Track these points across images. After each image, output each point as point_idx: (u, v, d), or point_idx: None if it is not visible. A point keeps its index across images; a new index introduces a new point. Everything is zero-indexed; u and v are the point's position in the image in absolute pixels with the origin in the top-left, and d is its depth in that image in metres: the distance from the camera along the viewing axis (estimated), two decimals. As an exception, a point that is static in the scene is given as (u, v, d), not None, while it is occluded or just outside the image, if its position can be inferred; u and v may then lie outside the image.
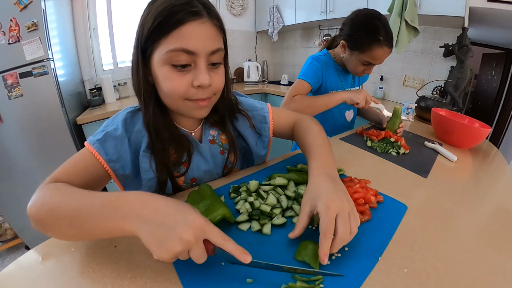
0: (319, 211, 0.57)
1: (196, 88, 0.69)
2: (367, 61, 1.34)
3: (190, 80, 0.68)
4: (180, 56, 0.65)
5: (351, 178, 0.89)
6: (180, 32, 0.63)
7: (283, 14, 3.75)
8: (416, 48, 2.71)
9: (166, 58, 0.65)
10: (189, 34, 0.63)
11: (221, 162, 0.94)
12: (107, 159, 0.72)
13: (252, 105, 1.00)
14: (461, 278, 0.53)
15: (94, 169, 0.72)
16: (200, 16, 0.64)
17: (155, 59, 0.68)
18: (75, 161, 0.72)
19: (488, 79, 3.66)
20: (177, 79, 0.67)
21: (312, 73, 1.47)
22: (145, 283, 0.51)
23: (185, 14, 0.62)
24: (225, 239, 0.49)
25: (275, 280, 0.52)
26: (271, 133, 0.98)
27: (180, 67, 0.66)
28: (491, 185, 1.05)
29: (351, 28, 1.35)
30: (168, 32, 0.63)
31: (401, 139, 1.28)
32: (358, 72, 1.43)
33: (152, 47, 0.67)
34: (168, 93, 0.70)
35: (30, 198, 0.59)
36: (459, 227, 0.72)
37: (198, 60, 0.67)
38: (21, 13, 1.98)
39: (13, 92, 2.05)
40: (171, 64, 0.66)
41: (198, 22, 0.64)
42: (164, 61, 0.66)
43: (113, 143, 0.74)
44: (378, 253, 0.59)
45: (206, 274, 0.53)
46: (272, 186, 0.80)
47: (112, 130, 0.75)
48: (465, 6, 2.04)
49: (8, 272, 0.55)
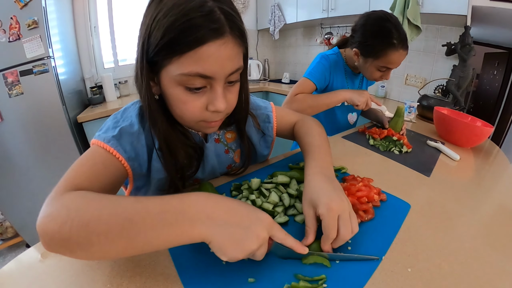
0: (321, 213, 0.56)
1: (210, 112, 0.64)
2: (383, 66, 1.29)
3: (205, 103, 0.63)
4: (195, 80, 0.58)
5: (354, 176, 0.88)
6: (196, 54, 0.54)
7: (285, 12, 3.74)
8: (418, 46, 2.70)
9: (180, 80, 0.58)
10: (206, 57, 0.55)
11: (226, 161, 0.92)
12: (127, 157, 0.66)
13: (256, 103, 0.97)
14: (465, 278, 0.53)
15: (114, 169, 0.65)
16: (221, 36, 0.55)
17: (165, 76, 0.60)
18: (90, 162, 0.62)
19: (490, 79, 3.66)
20: (192, 103, 0.62)
21: (319, 72, 1.42)
22: (145, 282, 0.50)
23: (204, 33, 0.53)
24: (286, 235, 0.51)
25: (277, 280, 0.51)
26: (274, 132, 0.98)
27: (194, 90, 0.60)
28: (493, 184, 1.04)
29: (363, 35, 1.29)
30: (182, 52, 0.54)
31: (403, 138, 1.27)
32: (375, 78, 1.37)
33: (162, 63, 0.59)
34: (182, 115, 0.66)
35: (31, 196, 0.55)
36: (462, 226, 0.71)
37: (214, 83, 0.60)
38: (22, 11, 1.98)
39: (14, 90, 2.04)
40: (185, 87, 0.59)
41: (219, 43, 0.55)
42: (177, 83, 0.59)
43: (129, 139, 0.68)
44: (382, 252, 0.59)
45: (207, 273, 0.52)
46: (274, 184, 0.80)
47: (128, 126, 0.68)
48: (468, 5, 2.03)
49: (8, 269, 0.54)
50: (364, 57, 1.32)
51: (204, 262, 0.54)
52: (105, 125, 0.70)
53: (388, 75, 1.34)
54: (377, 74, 1.34)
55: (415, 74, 2.80)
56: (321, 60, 1.45)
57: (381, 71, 1.32)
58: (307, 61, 4.16)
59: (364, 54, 1.31)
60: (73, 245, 0.44)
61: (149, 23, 0.56)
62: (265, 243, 0.48)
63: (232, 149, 0.93)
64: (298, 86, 1.41)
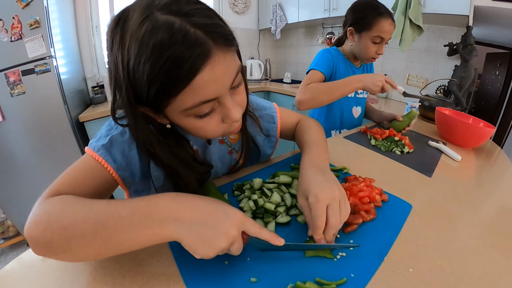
0: (310, 202, 0.58)
1: (228, 124, 0.62)
2: (377, 36, 1.37)
3: (219, 119, 0.60)
4: (202, 108, 0.54)
5: (356, 177, 0.88)
6: (192, 86, 0.49)
7: (286, 12, 3.74)
8: (420, 46, 2.70)
9: (187, 113, 0.55)
10: (203, 85, 0.50)
11: (229, 162, 0.93)
12: (116, 167, 0.66)
13: (260, 104, 0.97)
14: (466, 278, 0.53)
15: (101, 178, 0.65)
16: (209, 57, 0.49)
17: (171, 112, 0.56)
18: (78, 170, 0.63)
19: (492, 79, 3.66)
20: (209, 125, 0.59)
21: (324, 63, 1.47)
22: (147, 281, 0.50)
23: (191, 64, 0.47)
24: (260, 228, 0.52)
25: (280, 280, 0.51)
26: (278, 133, 0.99)
27: (201, 116, 0.57)
28: (495, 185, 1.04)
29: (354, 12, 1.43)
30: (176, 93, 0.50)
31: (405, 138, 1.27)
32: (371, 53, 1.44)
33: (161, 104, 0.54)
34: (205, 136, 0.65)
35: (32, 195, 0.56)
36: (464, 226, 0.71)
37: (222, 99, 0.56)
38: (24, 11, 1.98)
39: (16, 89, 2.05)
40: (194, 115, 0.56)
41: (210, 66, 0.49)
42: (186, 115, 0.56)
43: (120, 148, 0.66)
44: (384, 252, 0.59)
45: (209, 272, 0.52)
46: (276, 184, 0.80)
47: (118, 134, 0.67)
48: (470, 5, 2.02)
49: (10, 269, 0.54)
50: (359, 32, 1.42)
51: (206, 261, 0.54)
52: (99, 133, 0.70)
53: (382, 48, 1.43)
54: (372, 48, 1.42)
55: (416, 74, 2.79)
56: (323, 53, 1.53)
57: (375, 44, 1.40)
58: (308, 61, 4.14)
59: (358, 30, 1.42)
60: (55, 248, 0.46)
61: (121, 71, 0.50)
62: (238, 240, 0.49)
63: (236, 150, 0.93)
64: (308, 77, 1.44)
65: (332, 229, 0.56)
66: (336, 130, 1.69)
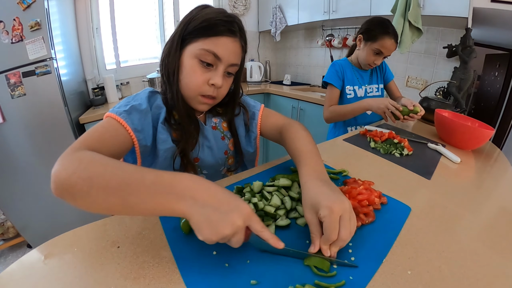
0: (323, 216, 0.56)
1: (209, 85, 0.84)
2: (377, 49, 1.65)
3: (208, 78, 0.83)
4: (209, 56, 0.80)
5: (355, 179, 0.89)
6: (217, 40, 0.79)
7: (286, 14, 3.74)
8: (419, 48, 2.71)
9: (199, 54, 0.80)
10: (222, 44, 0.80)
11: (222, 147, 1.03)
12: (133, 128, 0.79)
13: (247, 102, 1.11)
14: (464, 280, 0.53)
15: (122, 137, 0.77)
16: (234, 36, 0.82)
17: (189, 50, 0.82)
18: (103, 130, 0.75)
19: (491, 80, 3.66)
20: (199, 75, 0.82)
21: (334, 75, 1.80)
22: (149, 284, 0.51)
23: (225, 30, 0.79)
24: (263, 227, 0.53)
25: (280, 282, 0.52)
26: (258, 129, 1.06)
27: (205, 64, 0.81)
28: (494, 187, 1.04)
29: (368, 24, 1.70)
30: (208, 36, 0.79)
31: (404, 140, 1.28)
32: (369, 60, 1.73)
33: (190, 40, 0.81)
34: (188, 83, 0.85)
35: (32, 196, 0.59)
36: (463, 229, 0.72)
37: (219, 65, 0.83)
38: (24, 13, 1.98)
39: (16, 91, 2.05)
40: (199, 60, 0.81)
41: (232, 39, 0.81)
42: (196, 55, 0.81)
43: (138, 115, 0.81)
44: (382, 255, 0.59)
45: (210, 275, 0.53)
46: (276, 187, 0.80)
47: (137, 104, 0.83)
48: (469, 7, 2.03)
49: (10, 271, 0.54)
50: (365, 41, 1.70)
51: (207, 264, 0.55)
52: (118, 104, 0.83)
53: (379, 60, 1.72)
54: (371, 57, 1.71)
55: (416, 76, 2.80)
56: (331, 67, 1.85)
57: (375, 54, 1.69)
58: (308, 63, 4.18)
59: (366, 39, 1.70)
60: (76, 192, 0.52)
61: (191, 17, 0.82)
62: (241, 232, 0.51)
63: (228, 137, 1.05)
64: (329, 96, 1.84)
65: (343, 242, 0.56)
66: (352, 127, 1.93)
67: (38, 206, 2.37)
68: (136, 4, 3.12)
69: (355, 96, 1.84)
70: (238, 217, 0.49)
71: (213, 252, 0.58)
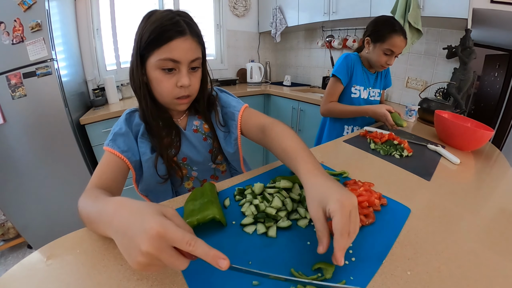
0: (333, 210, 0.52)
1: (179, 88, 0.88)
2: (388, 49, 1.61)
3: (175, 82, 0.87)
4: (168, 63, 0.84)
5: (355, 181, 0.89)
6: (169, 46, 0.81)
7: (286, 15, 3.75)
8: (419, 49, 2.72)
9: (158, 64, 0.84)
10: (175, 48, 0.82)
11: (206, 146, 1.08)
12: (120, 150, 0.88)
13: (228, 102, 1.10)
14: (464, 281, 0.54)
15: (114, 163, 0.88)
16: (184, 35, 0.83)
17: (149, 64, 0.86)
18: (104, 164, 0.87)
19: (491, 81, 3.66)
20: (166, 82, 0.87)
21: (344, 71, 1.75)
22: (152, 285, 0.51)
23: (173, 33, 0.81)
24: (191, 244, 0.42)
25: (281, 283, 0.52)
26: (238, 130, 1.04)
27: (167, 71, 0.85)
28: (493, 188, 1.05)
29: (374, 25, 1.67)
30: (160, 45, 0.81)
31: (404, 142, 1.28)
32: (381, 62, 1.67)
33: (148, 55, 0.84)
34: (161, 92, 0.90)
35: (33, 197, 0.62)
36: (462, 230, 0.72)
37: (181, 66, 0.86)
38: (25, 14, 1.99)
39: (17, 92, 2.05)
40: (161, 69, 0.85)
41: (182, 39, 0.83)
42: (156, 66, 0.85)
43: (121, 138, 0.91)
44: (382, 256, 0.60)
45: (213, 276, 0.53)
46: (277, 188, 0.81)
47: (118, 129, 0.93)
48: (468, 8, 2.04)
49: (12, 273, 0.55)
50: (374, 43, 1.66)
51: (209, 265, 0.54)
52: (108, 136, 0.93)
53: (392, 60, 1.67)
54: (383, 58, 1.66)
55: (416, 77, 2.80)
56: (344, 60, 1.76)
57: (386, 55, 1.64)
58: (308, 64, 4.18)
59: (374, 40, 1.66)
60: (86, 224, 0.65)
61: (140, 32, 0.84)
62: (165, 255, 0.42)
63: (210, 137, 1.09)
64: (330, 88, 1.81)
65: (351, 240, 0.53)
66: (349, 126, 1.91)
67: (39, 207, 2.38)
68: (137, 5, 3.12)
69: (359, 97, 1.82)
70: (143, 241, 0.41)
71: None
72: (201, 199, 0.72)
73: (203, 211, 0.66)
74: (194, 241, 0.42)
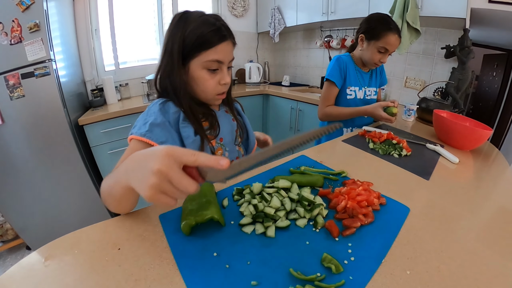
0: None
1: (221, 85, 0.98)
2: (383, 47, 1.59)
3: (218, 80, 0.97)
4: (213, 64, 0.94)
5: (354, 180, 0.89)
6: (215, 49, 0.91)
7: (285, 15, 3.75)
8: (417, 49, 2.72)
9: (204, 65, 0.93)
10: (220, 51, 0.92)
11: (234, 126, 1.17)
12: (160, 142, 0.88)
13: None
14: (463, 280, 0.54)
15: None
16: (226, 39, 0.93)
17: (194, 64, 0.94)
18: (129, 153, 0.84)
19: (489, 80, 3.67)
20: (211, 80, 0.96)
21: (336, 73, 1.73)
22: (150, 285, 0.51)
23: (218, 38, 0.91)
24: (195, 155, 0.49)
25: (280, 283, 0.52)
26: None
27: (212, 71, 0.95)
28: (492, 187, 1.05)
29: (368, 22, 1.66)
30: (207, 49, 0.91)
31: (403, 141, 1.29)
32: (375, 60, 1.65)
33: (192, 56, 0.93)
34: (204, 89, 0.98)
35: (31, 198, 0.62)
36: (461, 229, 0.72)
37: (223, 66, 0.97)
38: (23, 14, 1.98)
39: (15, 92, 2.05)
40: (207, 69, 0.94)
41: (225, 43, 0.93)
42: (202, 67, 0.94)
43: (158, 129, 0.90)
44: (382, 255, 0.60)
45: (211, 276, 0.53)
46: (275, 188, 0.81)
47: (153, 120, 0.91)
48: (467, 7, 2.04)
49: (11, 274, 0.55)
50: (368, 40, 1.65)
51: (207, 265, 0.55)
52: (137, 124, 0.93)
53: (385, 58, 1.66)
54: (377, 56, 1.64)
55: (414, 76, 2.81)
56: (336, 62, 1.75)
57: (380, 53, 1.63)
58: (307, 64, 4.18)
59: (368, 38, 1.64)
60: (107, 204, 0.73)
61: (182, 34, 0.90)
62: (174, 174, 0.48)
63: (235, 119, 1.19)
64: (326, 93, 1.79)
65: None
66: (348, 128, 1.88)
67: (37, 208, 2.37)
68: (135, 6, 3.12)
69: (355, 97, 1.80)
70: (154, 161, 0.48)
71: (214, 253, 0.59)
72: (200, 199, 0.72)
73: (202, 211, 0.66)
74: (197, 152, 0.50)
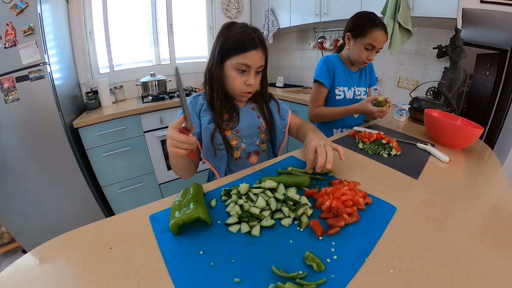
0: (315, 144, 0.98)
1: (246, 85, 1.15)
2: (369, 43, 1.58)
3: (244, 80, 1.14)
4: (242, 67, 1.11)
5: (341, 180, 0.91)
6: (246, 54, 1.09)
7: (278, 17, 3.76)
8: (409, 49, 2.74)
9: (235, 66, 1.12)
10: (249, 57, 1.10)
11: (257, 123, 1.31)
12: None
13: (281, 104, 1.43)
14: (448, 278, 0.54)
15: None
16: (257, 48, 1.10)
17: (228, 63, 1.12)
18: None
19: (482, 79, 3.69)
20: (239, 79, 1.14)
21: (325, 74, 1.73)
22: (139, 282, 0.53)
23: (251, 46, 1.08)
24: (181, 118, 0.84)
25: (262, 280, 0.53)
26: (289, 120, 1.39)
27: (240, 72, 1.13)
28: (482, 186, 1.05)
29: (354, 21, 1.66)
30: (239, 53, 1.09)
31: (393, 141, 1.30)
32: (362, 57, 1.65)
33: (228, 57, 1.12)
34: (232, 86, 1.17)
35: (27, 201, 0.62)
36: (448, 227, 0.72)
37: (250, 70, 1.13)
38: (18, 17, 1.99)
39: (10, 96, 2.05)
40: (236, 69, 1.12)
41: (255, 51, 1.10)
42: (234, 67, 1.12)
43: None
44: (365, 254, 0.61)
45: (196, 274, 0.55)
46: (262, 189, 0.82)
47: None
48: (458, 8, 2.05)
49: (5, 275, 0.56)
50: (354, 38, 1.65)
51: (194, 263, 0.57)
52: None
53: (373, 55, 1.64)
54: (364, 53, 1.63)
55: (407, 76, 2.82)
56: (324, 63, 1.75)
57: (367, 50, 1.62)
58: (301, 65, 4.21)
59: (355, 36, 1.64)
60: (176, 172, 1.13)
61: (224, 37, 1.11)
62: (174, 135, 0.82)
63: (262, 117, 1.33)
64: (315, 94, 1.79)
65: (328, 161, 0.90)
66: (338, 129, 1.89)
67: (33, 211, 2.37)
68: (129, 8, 3.13)
69: (344, 97, 1.80)
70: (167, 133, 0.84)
71: (200, 252, 0.60)
72: (188, 200, 0.74)
73: (189, 211, 0.68)
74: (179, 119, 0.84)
